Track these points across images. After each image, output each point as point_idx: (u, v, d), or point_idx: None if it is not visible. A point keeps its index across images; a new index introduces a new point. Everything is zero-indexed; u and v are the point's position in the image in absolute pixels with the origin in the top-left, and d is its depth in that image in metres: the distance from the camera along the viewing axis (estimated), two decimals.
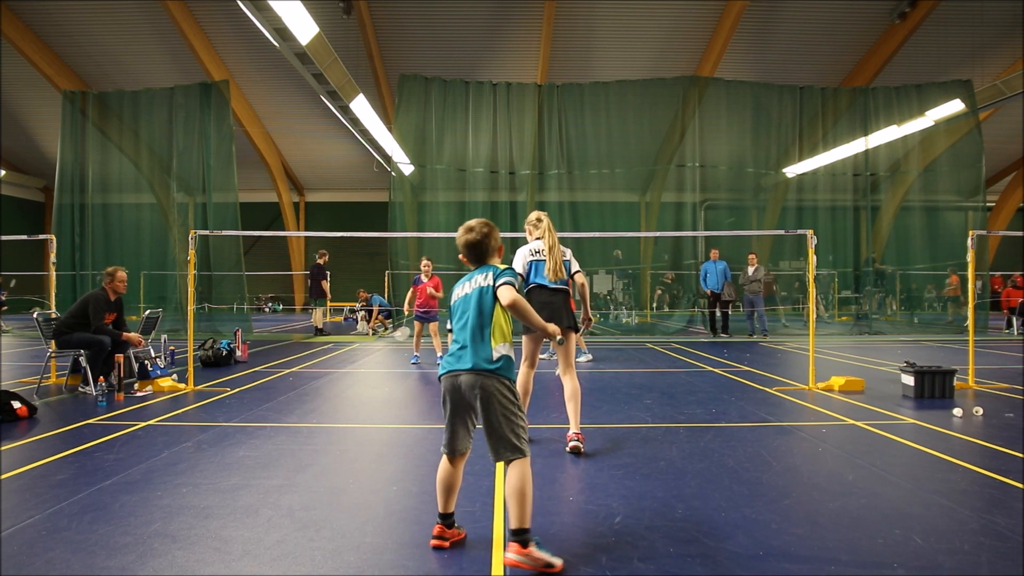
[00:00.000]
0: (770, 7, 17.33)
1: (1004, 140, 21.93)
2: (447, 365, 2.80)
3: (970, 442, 4.68)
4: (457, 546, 2.82)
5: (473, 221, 2.93)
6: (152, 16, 17.32)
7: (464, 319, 2.81)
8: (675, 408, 5.95)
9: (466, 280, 2.90)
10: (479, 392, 2.70)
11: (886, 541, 2.86)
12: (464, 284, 2.89)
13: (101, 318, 6.70)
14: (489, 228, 2.91)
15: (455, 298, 2.90)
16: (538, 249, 4.62)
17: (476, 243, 2.88)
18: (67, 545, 2.80)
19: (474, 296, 2.81)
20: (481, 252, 2.90)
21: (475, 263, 2.92)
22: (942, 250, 15.76)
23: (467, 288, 2.86)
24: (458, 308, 2.86)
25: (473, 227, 2.89)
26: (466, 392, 2.73)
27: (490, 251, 2.91)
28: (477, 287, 2.83)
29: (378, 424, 5.51)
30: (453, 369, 2.76)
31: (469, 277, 2.90)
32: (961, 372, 6.92)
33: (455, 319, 2.88)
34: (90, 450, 4.41)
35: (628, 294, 17.84)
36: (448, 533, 2.82)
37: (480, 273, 2.87)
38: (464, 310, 2.82)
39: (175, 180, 15.03)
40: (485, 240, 2.88)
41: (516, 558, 2.56)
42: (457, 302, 2.88)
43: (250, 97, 21.09)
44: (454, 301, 2.90)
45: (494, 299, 2.78)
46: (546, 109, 15.10)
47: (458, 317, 2.85)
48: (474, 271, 2.91)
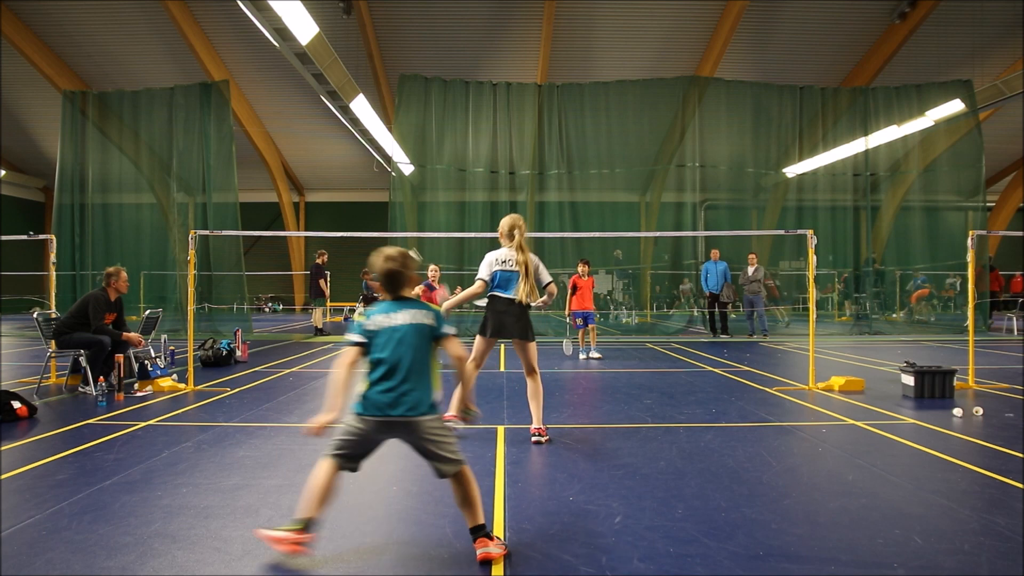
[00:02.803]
0: (770, 7, 17.33)
1: (1004, 140, 21.92)
2: (379, 408, 2.65)
3: (970, 442, 4.68)
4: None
5: (390, 250, 2.82)
6: (152, 16, 17.32)
7: (400, 356, 2.67)
8: (675, 408, 5.94)
9: (391, 312, 2.75)
10: (416, 439, 2.70)
11: (886, 541, 2.86)
12: (391, 315, 2.74)
13: (101, 318, 6.70)
14: (405, 259, 2.81)
15: (378, 326, 2.72)
16: (506, 259, 4.63)
17: (395, 273, 2.77)
18: (67, 545, 2.80)
19: (415, 333, 2.71)
20: (400, 283, 2.79)
21: (393, 294, 2.80)
22: (942, 250, 15.76)
23: (397, 319, 2.72)
24: (389, 339, 2.69)
25: (392, 256, 2.78)
26: (403, 434, 2.70)
27: (408, 282, 2.82)
28: (417, 324, 2.72)
29: None
30: (389, 415, 2.65)
31: (395, 309, 2.76)
32: (961, 372, 6.92)
33: (383, 351, 2.69)
34: (90, 450, 4.41)
35: (628, 294, 17.84)
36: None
37: (419, 309, 2.77)
38: (400, 345, 2.68)
39: (175, 180, 15.02)
40: (404, 270, 2.78)
41: (498, 551, 2.67)
42: (385, 330, 2.71)
43: (250, 97, 21.09)
44: (377, 328, 2.72)
45: (434, 343, 2.75)
46: (546, 109, 15.10)
47: (394, 349, 2.67)
48: (400, 304, 2.78)
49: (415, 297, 2.87)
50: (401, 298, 2.81)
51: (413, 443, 2.74)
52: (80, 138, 14.96)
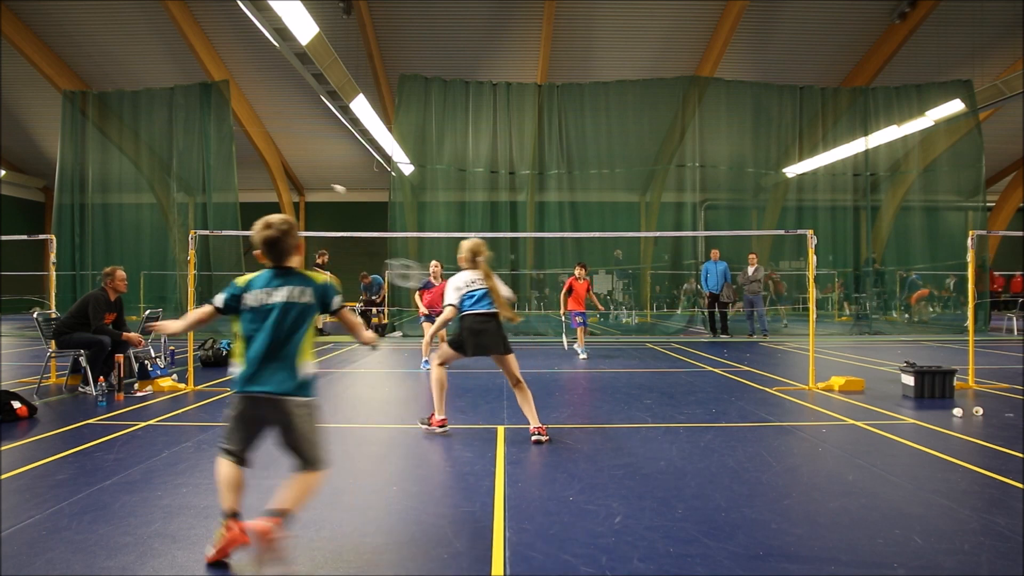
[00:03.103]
0: (770, 7, 17.32)
1: (1004, 140, 21.90)
2: (249, 382, 2.65)
3: (970, 442, 4.68)
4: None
5: (274, 217, 2.79)
6: (152, 16, 17.30)
7: (269, 334, 2.66)
8: (675, 408, 5.94)
9: (271, 286, 2.72)
10: (285, 416, 2.66)
11: (886, 541, 2.86)
12: (270, 291, 2.71)
13: (101, 318, 6.70)
14: (289, 226, 2.78)
15: (256, 302, 2.70)
16: (472, 280, 4.78)
17: (275, 240, 2.73)
18: (67, 545, 2.80)
19: (293, 311, 2.69)
20: (281, 250, 2.76)
21: (275, 261, 2.77)
22: (942, 250, 15.75)
23: (276, 297, 2.70)
24: (262, 317, 2.68)
25: (272, 223, 2.75)
26: (270, 413, 2.67)
27: (290, 249, 2.78)
28: (295, 302, 2.70)
29: (378, 424, 5.51)
30: (259, 390, 2.64)
31: (275, 283, 2.72)
32: (961, 372, 6.92)
33: (256, 326, 2.68)
34: (90, 450, 4.41)
35: (628, 294, 17.83)
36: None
37: (296, 286, 2.73)
38: (275, 322, 2.67)
39: (175, 180, 15.02)
40: (285, 238, 2.75)
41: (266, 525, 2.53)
42: (260, 308, 2.69)
43: (250, 97, 21.08)
44: (254, 304, 2.70)
45: (312, 319, 2.74)
46: (546, 109, 15.10)
47: (265, 328, 2.66)
48: (282, 278, 2.74)
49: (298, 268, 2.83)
50: (284, 269, 2.77)
51: (280, 426, 2.68)
52: (80, 138, 14.96)
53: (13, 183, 25.57)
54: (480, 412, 5.79)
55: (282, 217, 2.81)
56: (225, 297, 2.74)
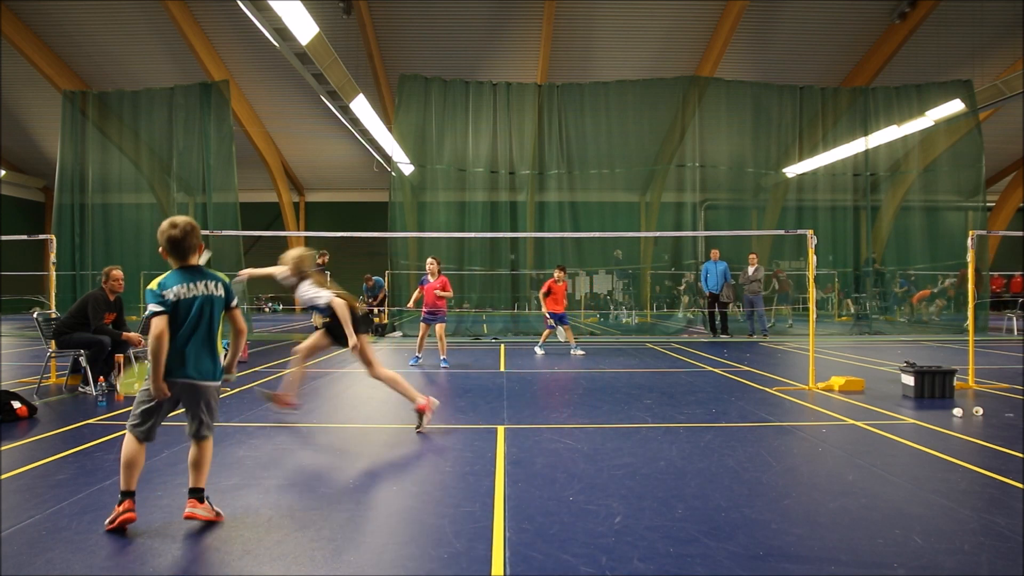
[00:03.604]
0: (770, 7, 17.32)
1: (1004, 140, 21.90)
2: (180, 371, 2.96)
3: (970, 442, 4.68)
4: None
5: (178, 218, 3.07)
6: (152, 16, 17.31)
7: (194, 325, 2.98)
8: (675, 408, 5.94)
9: (188, 281, 3.00)
10: (202, 397, 3.05)
11: (886, 541, 2.86)
12: (187, 285, 3.00)
13: (100, 318, 6.70)
14: (192, 227, 3.06)
15: (176, 296, 2.97)
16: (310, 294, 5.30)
17: (179, 240, 3.01)
18: (67, 545, 2.80)
19: (207, 303, 3.01)
20: (184, 249, 3.04)
21: (179, 260, 3.05)
22: (942, 250, 15.74)
23: (193, 290, 2.99)
24: (183, 309, 2.97)
25: (177, 224, 3.03)
26: (187, 395, 3.03)
27: (193, 248, 3.07)
28: (209, 295, 3.02)
29: (378, 424, 5.51)
30: (176, 378, 2.96)
31: (190, 279, 3.01)
32: (961, 372, 6.92)
33: (183, 318, 2.97)
34: (90, 450, 4.41)
35: (628, 294, 17.83)
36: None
37: (209, 280, 3.05)
38: (195, 316, 2.98)
39: (175, 180, 15.01)
40: (188, 237, 3.03)
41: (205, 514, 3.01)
42: (181, 300, 2.97)
43: (250, 97, 21.08)
44: (173, 298, 2.96)
45: (223, 312, 3.09)
46: (546, 109, 15.09)
47: (186, 321, 2.96)
48: (194, 274, 3.04)
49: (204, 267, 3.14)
50: (190, 267, 3.07)
51: (189, 405, 3.06)
52: (80, 138, 14.95)
53: (13, 183, 25.57)
54: (480, 412, 5.79)
55: (185, 219, 3.08)
56: (156, 300, 2.97)
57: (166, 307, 2.94)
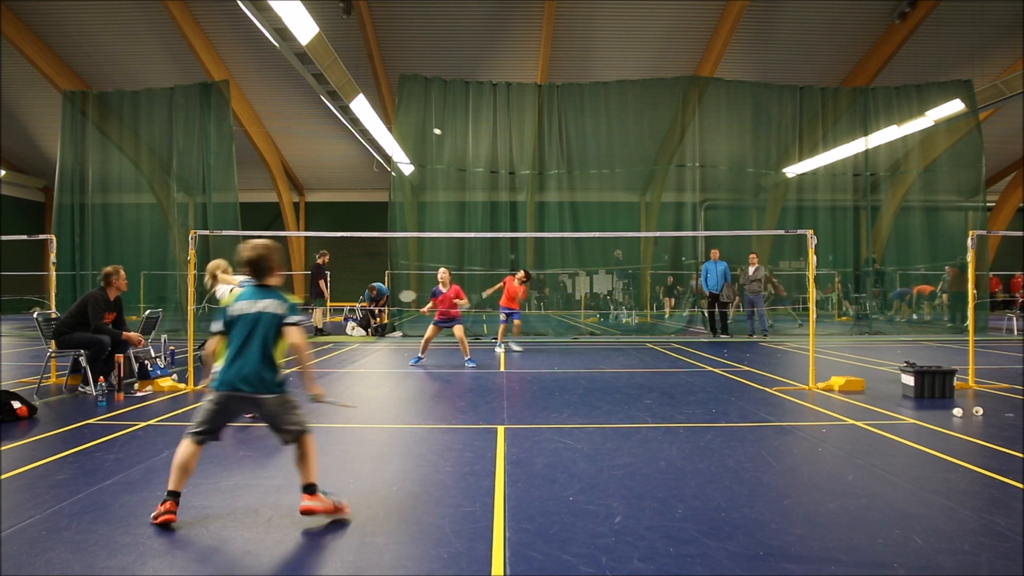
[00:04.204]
0: (770, 7, 17.32)
1: (1004, 140, 21.90)
2: (229, 382, 3.05)
3: (970, 442, 4.68)
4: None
5: (258, 240, 3.24)
6: (152, 16, 17.30)
7: (246, 340, 3.08)
8: (675, 408, 5.94)
9: (254, 298, 3.15)
10: (262, 410, 3.11)
11: (886, 541, 2.86)
12: (250, 302, 3.14)
13: (100, 317, 6.70)
14: (270, 250, 3.21)
15: (239, 311, 3.13)
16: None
17: (256, 260, 3.16)
18: (67, 545, 2.80)
19: (267, 320, 3.11)
20: (259, 270, 3.18)
21: (257, 278, 3.20)
22: (942, 250, 15.73)
23: (254, 307, 3.12)
24: (241, 324, 3.11)
25: (256, 245, 3.19)
26: (248, 407, 3.15)
27: (266, 270, 3.20)
28: (270, 312, 3.12)
29: (378, 424, 5.51)
30: (239, 389, 3.04)
31: (258, 296, 3.15)
32: (961, 372, 6.92)
33: (238, 333, 3.09)
34: (90, 450, 4.41)
35: (628, 294, 17.83)
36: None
37: (271, 299, 3.14)
38: (249, 331, 3.09)
39: (175, 180, 15.00)
40: (265, 260, 3.18)
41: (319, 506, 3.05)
42: (242, 317, 3.11)
43: (250, 97, 21.07)
44: (236, 313, 3.13)
45: (281, 329, 3.14)
46: (546, 109, 15.09)
47: (241, 334, 3.09)
48: (258, 291, 3.17)
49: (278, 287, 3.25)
50: (264, 286, 3.21)
51: (265, 419, 3.15)
52: (80, 138, 14.94)
53: (13, 183, 25.57)
54: (480, 412, 5.79)
55: (263, 242, 3.22)
56: (221, 318, 3.19)
57: (222, 326, 3.16)
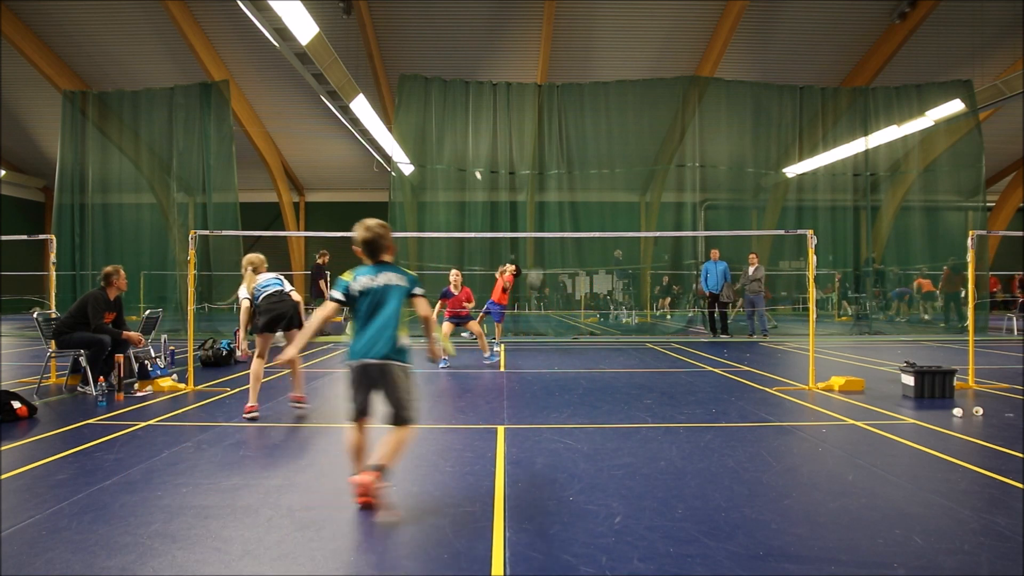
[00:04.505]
0: (770, 7, 17.31)
1: (1004, 140, 21.90)
2: (360, 352, 3.23)
3: (970, 442, 4.68)
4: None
5: (371, 220, 3.41)
6: (152, 16, 17.30)
7: (372, 311, 3.26)
8: (675, 408, 5.95)
9: (374, 273, 3.32)
10: (386, 376, 3.24)
11: (886, 541, 2.86)
12: (371, 276, 3.31)
13: (100, 317, 6.70)
14: (384, 229, 3.40)
15: (361, 287, 3.29)
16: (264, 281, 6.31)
17: (372, 240, 3.34)
18: (67, 545, 2.80)
19: (387, 292, 3.28)
20: (375, 249, 3.36)
21: (371, 258, 3.37)
22: (942, 250, 15.74)
23: (376, 281, 3.30)
24: (368, 297, 3.28)
25: (371, 226, 3.36)
26: (374, 376, 3.26)
27: (383, 248, 3.39)
28: (392, 285, 3.30)
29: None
30: (369, 358, 3.22)
31: (376, 271, 3.33)
32: (961, 372, 6.92)
33: (366, 307, 3.27)
34: (90, 450, 4.41)
35: (628, 294, 17.83)
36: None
37: (392, 272, 3.33)
38: (375, 303, 3.27)
39: (175, 180, 15.00)
40: (379, 239, 3.36)
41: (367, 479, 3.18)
42: (366, 290, 3.28)
43: (250, 97, 21.07)
44: (360, 288, 3.29)
45: (405, 301, 3.31)
46: (546, 109, 15.08)
47: (369, 306, 3.27)
48: (377, 267, 3.34)
49: (392, 263, 3.43)
50: (380, 262, 3.37)
51: (383, 387, 3.26)
52: (80, 138, 14.94)
53: (13, 183, 25.56)
54: (480, 412, 5.79)
55: (376, 221, 3.42)
56: (342, 288, 3.33)
57: (341, 296, 3.31)
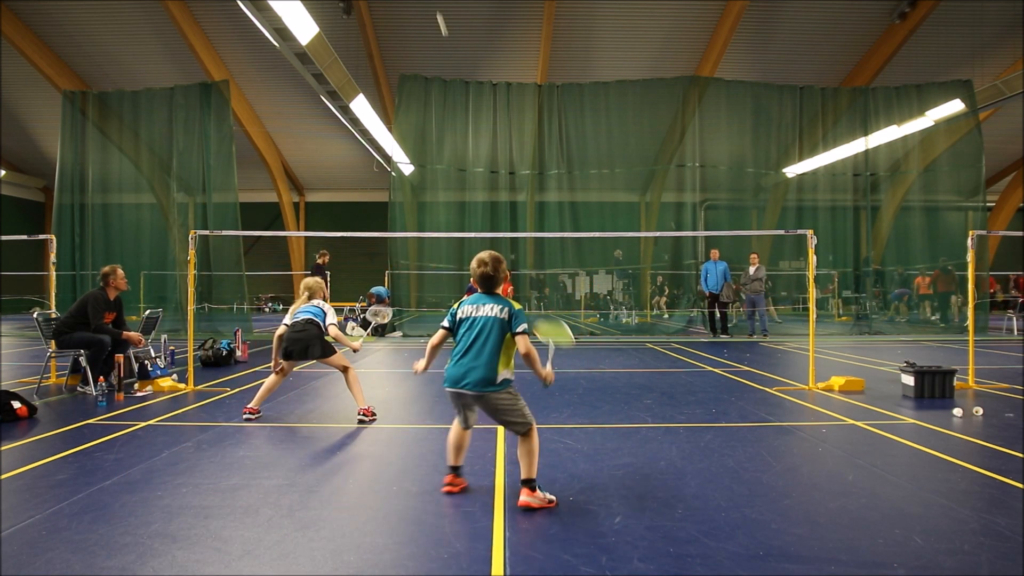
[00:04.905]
0: (770, 7, 17.33)
1: (1004, 140, 21.92)
2: (452, 379, 3.32)
3: (970, 442, 4.68)
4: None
5: (485, 254, 3.42)
6: (152, 16, 17.32)
7: (470, 341, 3.31)
8: (675, 408, 5.94)
9: (480, 303, 3.38)
10: (483, 405, 3.34)
11: (886, 541, 2.86)
12: (478, 306, 3.37)
13: (100, 317, 6.70)
14: (498, 262, 3.42)
15: (464, 314, 3.38)
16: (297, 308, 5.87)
17: (489, 276, 3.39)
18: (67, 545, 2.80)
19: (490, 324, 3.31)
20: (491, 283, 3.42)
21: (484, 290, 3.43)
22: (942, 250, 15.74)
23: (479, 312, 3.35)
24: (467, 326, 3.35)
25: (485, 260, 3.40)
26: (470, 402, 3.37)
27: (498, 282, 3.44)
28: (493, 317, 3.32)
29: (378, 424, 5.51)
30: (459, 388, 3.31)
31: (483, 300, 3.38)
32: (961, 372, 6.92)
33: (464, 335, 3.34)
34: (90, 450, 4.41)
35: (628, 294, 17.83)
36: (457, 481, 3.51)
37: (497, 304, 3.35)
38: (477, 331, 3.31)
39: (175, 180, 15.00)
40: (497, 273, 3.40)
41: (536, 502, 3.23)
42: (470, 320, 3.35)
43: (250, 97, 21.09)
44: (462, 316, 3.38)
45: (507, 334, 3.31)
46: (546, 109, 15.09)
47: (468, 336, 3.32)
48: (484, 296, 3.40)
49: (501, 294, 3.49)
50: (490, 293, 3.44)
51: (487, 412, 3.37)
52: (80, 138, 14.94)
53: (13, 183, 25.58)
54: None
55: (491, 255, 3.44)
56: (449, 316, 3.47)
57: (450, 322, 3.44)
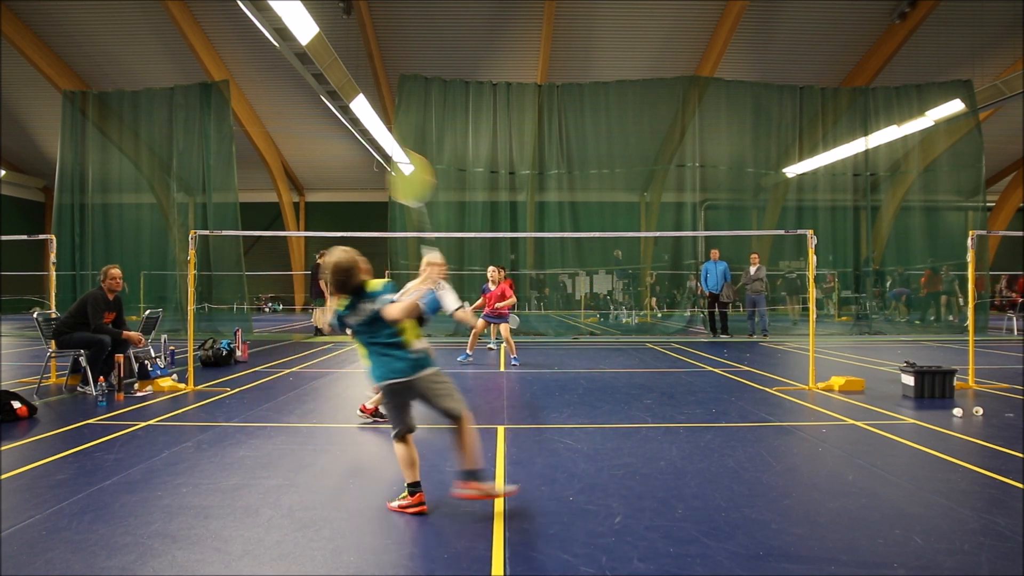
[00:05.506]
0: (770, 7, 17.32)
1: (1004, 140, 21.91)
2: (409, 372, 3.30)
3: (970, 442, 4.68)
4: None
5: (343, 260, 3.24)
6: (152, 16, 17.31)
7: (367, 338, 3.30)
8: (675, 408, 5.94)
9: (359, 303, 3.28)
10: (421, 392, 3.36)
11: (886, 541, 2.86)
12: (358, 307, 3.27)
13: (100, 317, 6.70)
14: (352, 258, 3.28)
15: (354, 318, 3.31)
16: None
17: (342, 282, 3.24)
18: (67, 545, 2.80)
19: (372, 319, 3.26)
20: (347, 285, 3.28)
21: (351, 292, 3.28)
22: (942, 250, 15.74)
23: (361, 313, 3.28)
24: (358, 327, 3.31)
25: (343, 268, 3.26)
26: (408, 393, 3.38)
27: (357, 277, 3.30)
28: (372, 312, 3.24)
29: (378, 424, 5.51)
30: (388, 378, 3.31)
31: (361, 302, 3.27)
32: (961, 372, 6.92)
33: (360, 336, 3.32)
34: (90, 450, 4.41)
35: (628, 294, 17.83)
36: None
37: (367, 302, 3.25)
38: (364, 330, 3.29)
39: (175, 180, 15.01)
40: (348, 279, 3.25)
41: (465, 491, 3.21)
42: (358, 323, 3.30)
43: (250, 97, 21.08)
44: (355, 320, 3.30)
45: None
46: (546, 109, 15.09)
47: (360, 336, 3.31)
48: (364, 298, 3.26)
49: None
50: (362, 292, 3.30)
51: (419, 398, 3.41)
52: (80, 138, 14.94)
53: (13, 183, 25.57)
54: (480, 412, 5.79)
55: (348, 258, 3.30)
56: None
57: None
